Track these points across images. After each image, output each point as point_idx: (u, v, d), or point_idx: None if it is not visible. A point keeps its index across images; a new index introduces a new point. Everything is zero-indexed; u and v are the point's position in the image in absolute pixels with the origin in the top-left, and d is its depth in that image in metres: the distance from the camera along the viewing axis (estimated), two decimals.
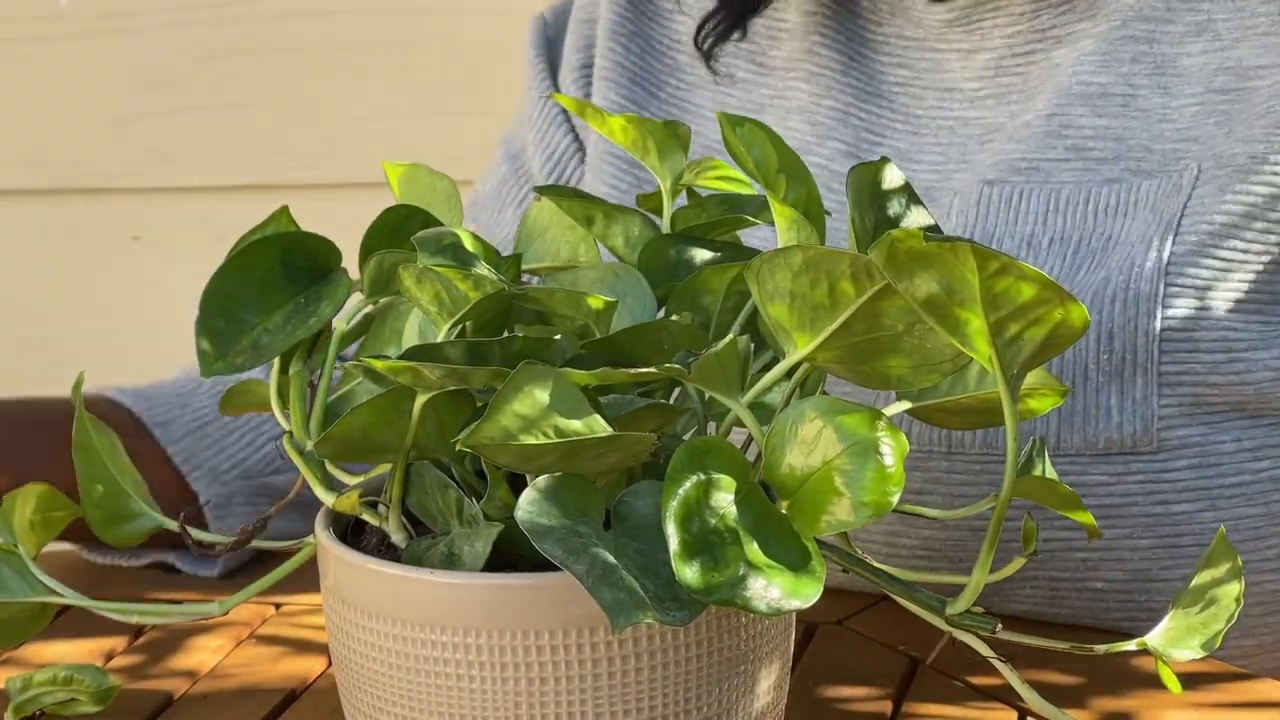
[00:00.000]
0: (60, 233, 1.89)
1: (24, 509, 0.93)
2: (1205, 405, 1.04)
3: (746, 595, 0.74)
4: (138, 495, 0.94)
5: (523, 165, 1.29)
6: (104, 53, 1.83)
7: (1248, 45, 1.07)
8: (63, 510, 0.94)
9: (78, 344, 1.90)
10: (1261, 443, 1.05)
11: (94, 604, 0.91)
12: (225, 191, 1.84)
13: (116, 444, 0.95)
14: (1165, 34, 1.09)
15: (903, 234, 0.73)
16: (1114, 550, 1.06)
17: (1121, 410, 1.04)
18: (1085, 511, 0.90)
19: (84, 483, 0.93)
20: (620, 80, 1.23)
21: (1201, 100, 1.07)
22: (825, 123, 1.17)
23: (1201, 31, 1.08)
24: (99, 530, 0.93)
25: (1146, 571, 1.07)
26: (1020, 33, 1.13)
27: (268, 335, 0.86)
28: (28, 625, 0.93)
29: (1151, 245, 1.04)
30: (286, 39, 1.81)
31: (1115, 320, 1.04)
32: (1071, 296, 0.73)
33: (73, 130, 1.85)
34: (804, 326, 0.78)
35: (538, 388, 0.76)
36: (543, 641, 0.79)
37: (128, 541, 0.93)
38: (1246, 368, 1.04)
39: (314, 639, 1.06)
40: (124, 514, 0.94)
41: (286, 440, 0.86)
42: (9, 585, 0.91)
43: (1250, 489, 1.06)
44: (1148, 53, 1.09)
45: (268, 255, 0.87)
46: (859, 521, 0.75)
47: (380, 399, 0.80)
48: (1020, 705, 0.89)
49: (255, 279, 0.87)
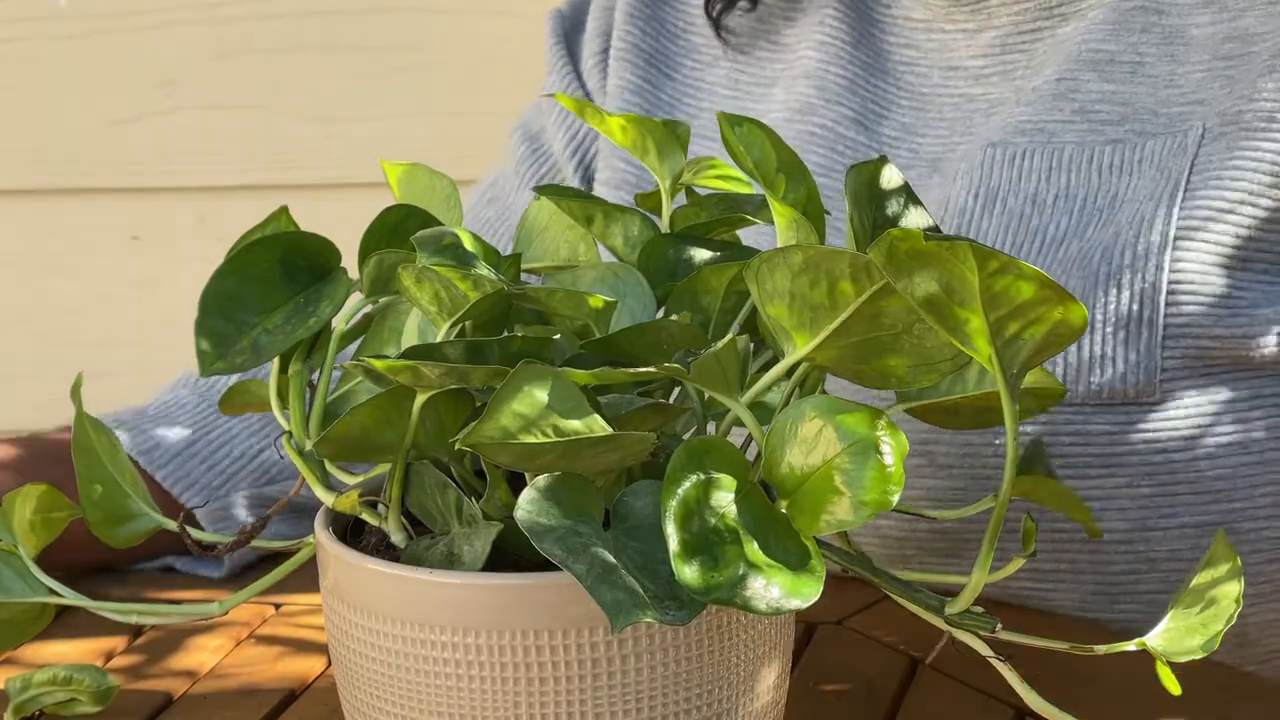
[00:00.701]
0: (60, 233, 1.88)
1: (24, 509, 0.93)
2: (1207, 359, 1.06)
3: (746, 595, 0.74)
4: (137, 495, 0.94)
5: (541, 145, 1.31)
6: (104, 53, 1.83)
7: (1254, 14, 1.09)
8: (63, 511, 0.94)
9: (78, 344, 1.90)
10: (1256, 392, 1.08)
11: (94, 604, 0.91)
12: (225, 191, 1.84)
13: (116, 444, 0.95)
14: (1174, 5, 1.12)
15: (902, 233, 0.73)
16: (1115, 499, 1.08)
17: (1126, 361, 1.06)
18: (1085, 510, 0.91)
19: (83, 483, 0.93)
20: (636, 61, 1.26)
21: (1209, 67, 1.09)
22: (833, 88, 1.21)
23: (1210, 3, 1.11)
24: (98, 530, 0.93)
25: (1146, 520, 1.08)
26: (1028, 10, 1.16)
27: (267, 335, 0.86)
28: (28, 626, 0.93)
29: (1161, 202, 1.06)
30: (286, 39, 1.81)
31: (1124, 274, 1.05)
32: (1070, 295, 0.73)
33: (73, 130, 1.85)
34: (803, 326, 0.78)
35: (537, 387, 0.76)
36: (542, 641, 0.79)
37: (127, 542, 0.93)
38: (1250, 322, 1.06)
39: (314, 639, 1.06)
40: (123, 514, 0.93)
41: (286, 440, 0.86)
42: (9, 586, 0.91)
43: (1245, 439, 1.08)
44: (1157, 23, 1.12)
45: (267, 255, 0.87)
46: (859, 521, 0.75)
47: (380, 399, 0.80)
48: (1020, 705, 0.89)
49: (255, 279, 0.87)
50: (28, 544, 0.92)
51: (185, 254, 1.84)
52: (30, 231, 1.89)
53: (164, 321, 1.85)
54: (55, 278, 1.89)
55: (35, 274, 1.89)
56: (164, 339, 1.88)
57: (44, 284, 1.90)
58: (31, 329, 1.90)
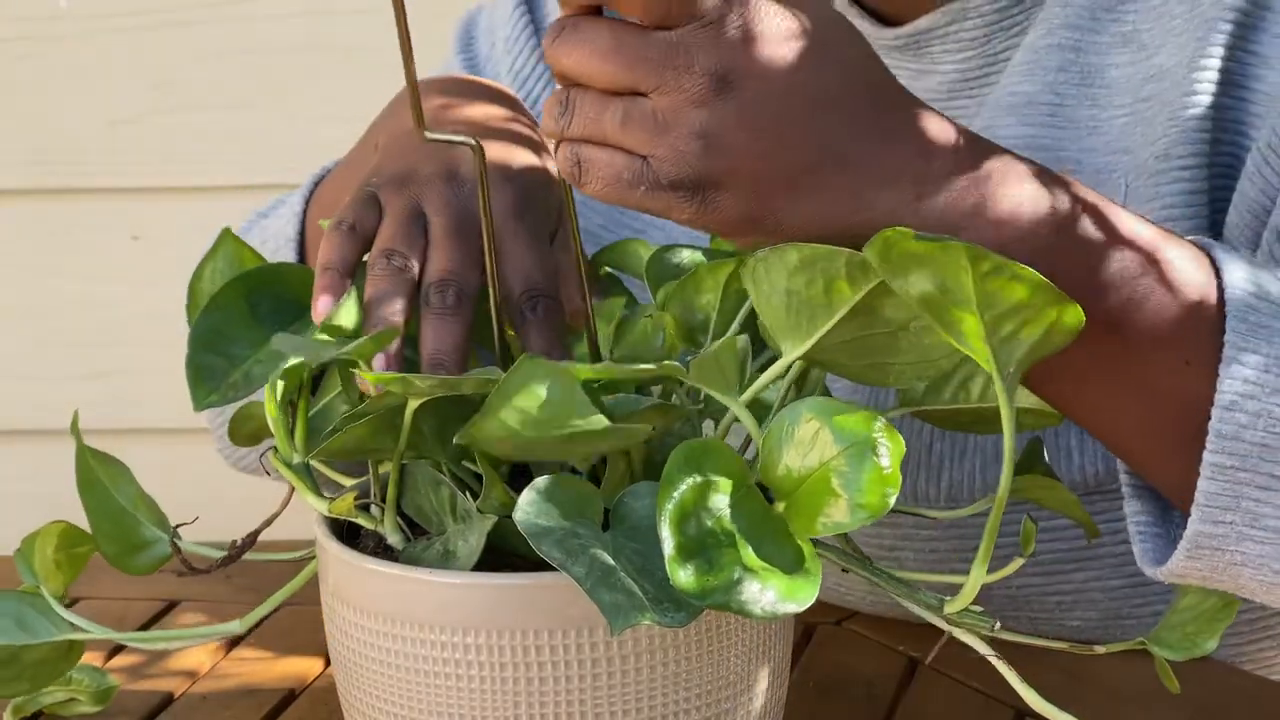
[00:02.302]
0: (60, 233, 1.88)
1: (44, 549, 0.92)
2: None
3: (741, 599, 0.73)
4: (150, 522, 0.94)
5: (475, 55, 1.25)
6: (104, 53, 1.83)
7: (1167, 50, 1.02)
8: (84, 546, 0.93)
9: (78, 344, 1.90)
10: None
11: (119, 636, 0.92)
12: (225, 191, 1.84)
13: (125, 472, 0.95)
14: (1092, 44, 1.05)
15: (897, 233, 0.73)
16: (1085, 592, 1.06)
17: (1082, 453, 1.03)
18: (1084, 510, 0.90)
19: (94, 520, 0.93)
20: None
21: (1131, 111, 1.03)
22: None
23: (1127, 42, 1.04)
24: (116, 563, 0.93)
25: (1118, 610, 1.06)
26: (971, 59, 1.08)
27: (260, 366, 0.87)
28: (58, 664, 0.92)
29: None
30: (286, 39, 1.81)
31: None
32: (1066, 297, 0.73)
33: (73, 130, 1.85)
34: (800, 325, 0.78)
35: (538, 383, 0.76)
36: (541, 641, 0.79)
37: (144, 570, 0.93)
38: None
39: (314, 639, 1.06)
40: (137, 544, 0.93)
41: (273, 454, 0.86)
42: (34, 627, 0.91)
43: None
44: (1074, 61, 1.05)
45: (235, 297, 0.88)
46: (856, 523, 0.74)
47: (374, 417, 0.80)
48: (1020, 705, 0.89)
49: (234, 319, 0.88)
50: (52, 583, 0.92)
51: (185, 254, 1.84)
52: (30, 231, 1.89)
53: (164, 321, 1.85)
54: (55, 278, 1.89)
55: (35, 274, 1.89)
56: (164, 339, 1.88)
57: (44, 284, 1.90)
58: (31, 329, 1.90)
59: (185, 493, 1.18)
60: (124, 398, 1.88)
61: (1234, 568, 0.83)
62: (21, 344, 1.91)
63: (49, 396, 1.89)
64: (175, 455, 1.75)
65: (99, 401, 1.87)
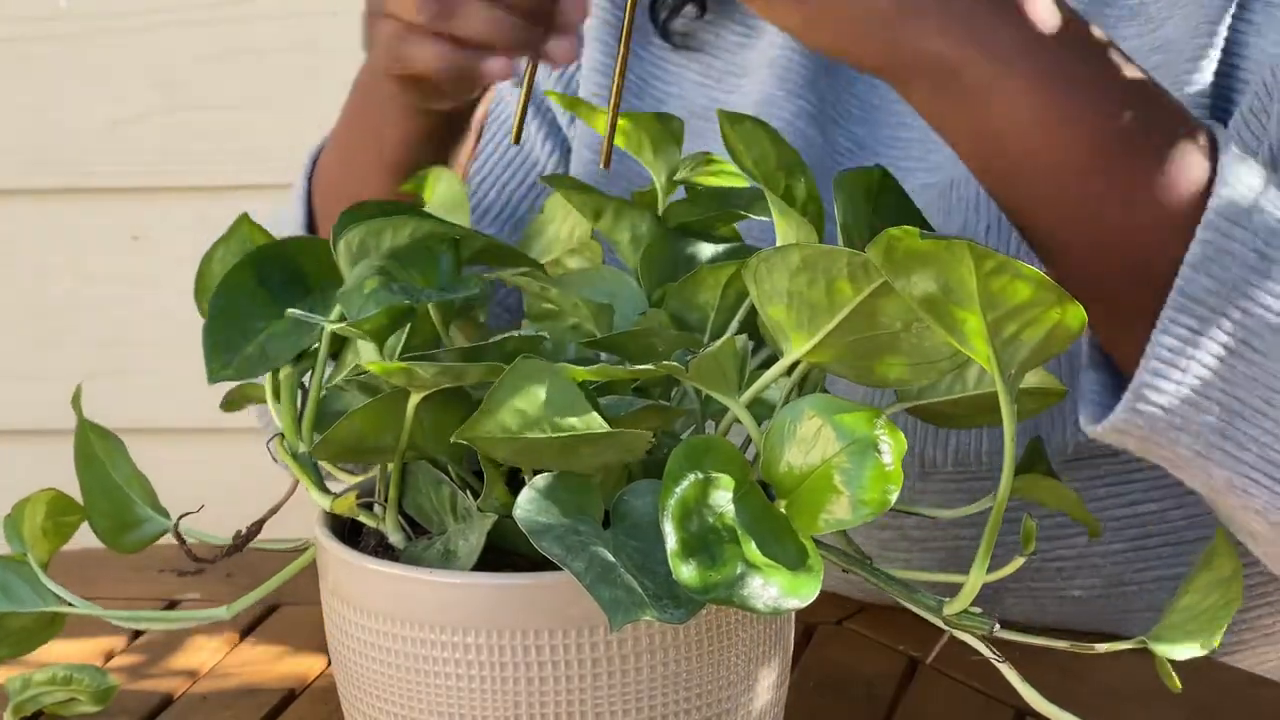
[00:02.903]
0: (60, 233, 1.89)
1: (34, 516, 0.92)
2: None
3: (744, 594, 0.73)
4: (143, 501, 0.94)
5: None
6: (104, 53, 1.83)
7: (1173, 22, 1.04)
8: (73, 515, 0.93)
9: (78, 344, 1.90)
10: None
11: (103, 613, 0.91)
12: (225, 191, 1.84)
13: (121, 449, 0.95)
14: (1101, 16, 1.07)
15: (900, 232, 0.73)
16: (1087, 558, 1.06)
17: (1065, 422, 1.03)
18: (1084, 509, 0.90)
19: (88, 494, 0.93)
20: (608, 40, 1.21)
21: None
22: (795, 79, 1.14)
23: (1135, 15, 1.06)
24: (106, 539, 0.93)
25: (1120, 575, 1.07)
26: None
27: (275, 341, 0.87)
28: (39, 634, 0.92)
29: None
30: (286, 39, 1.81)
31: None
32: (1069, 297, 0.73)
33: (73, 130, 1.85)
34: (802, 325, 0.78)
35: (536, 383, 0.76)
36: (542, 641, 0.79)
37: (134, 548, 0.93)
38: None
39: (314, 639, 1.06)
40: (130, 521, 0.93)
41: (279, 443, 0.86)
42: (19, 595, 0.91)
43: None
44: None
45: (245, 277, 0.88)
46: (857, 520, 0.74)
47: (376, 402, 0.80)
48: (1020, 705, 0.89)
49: (247, 297, 0.88)
50: (39, 550, 0.92)
51: (185, 254, 1.84)
52: (30, 231, 1.89)
53: (164, 321, 1.85)
54: (55, 278, 1.89)
55: (35, 274, 1.89)
56: (164, 339, 1.88)
57: (44, 284, 1.90)
58: (31, 329, 1.90)
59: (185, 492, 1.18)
60: (124, 397, 1.88)
61: (1173, 431, 0.85)
62: (21, 344, 1.91)
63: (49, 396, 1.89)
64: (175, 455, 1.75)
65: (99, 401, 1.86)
